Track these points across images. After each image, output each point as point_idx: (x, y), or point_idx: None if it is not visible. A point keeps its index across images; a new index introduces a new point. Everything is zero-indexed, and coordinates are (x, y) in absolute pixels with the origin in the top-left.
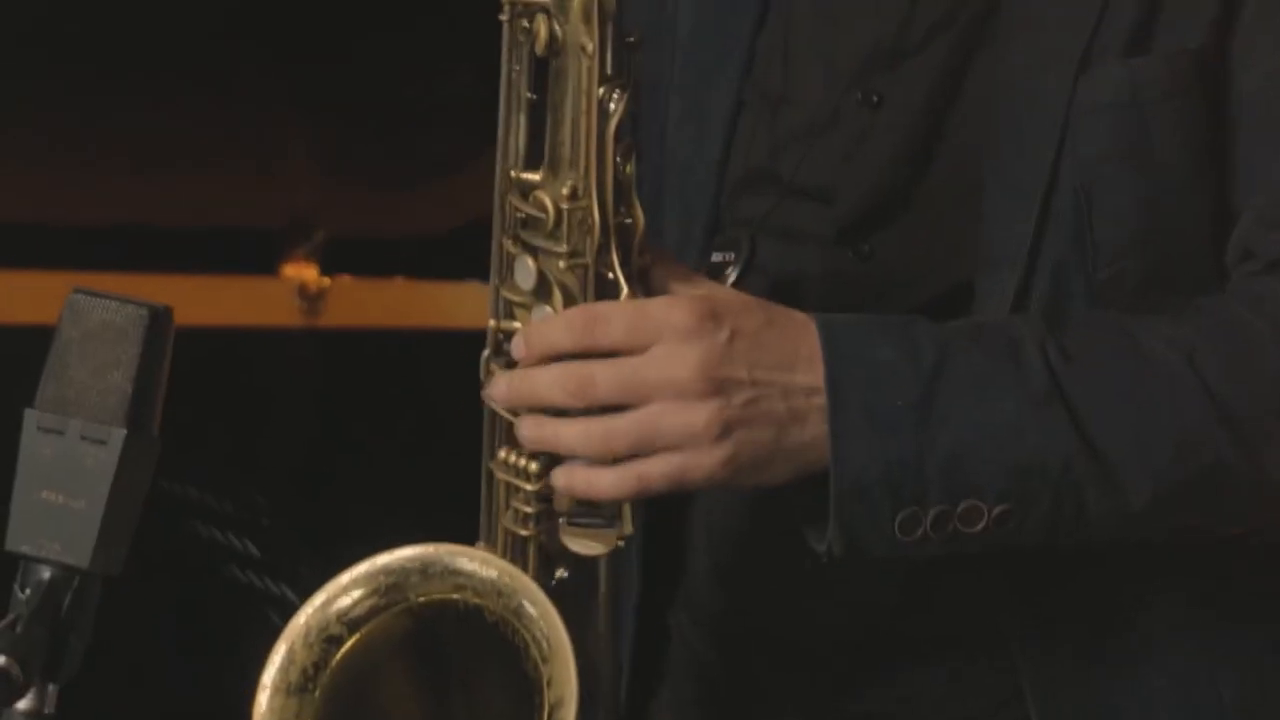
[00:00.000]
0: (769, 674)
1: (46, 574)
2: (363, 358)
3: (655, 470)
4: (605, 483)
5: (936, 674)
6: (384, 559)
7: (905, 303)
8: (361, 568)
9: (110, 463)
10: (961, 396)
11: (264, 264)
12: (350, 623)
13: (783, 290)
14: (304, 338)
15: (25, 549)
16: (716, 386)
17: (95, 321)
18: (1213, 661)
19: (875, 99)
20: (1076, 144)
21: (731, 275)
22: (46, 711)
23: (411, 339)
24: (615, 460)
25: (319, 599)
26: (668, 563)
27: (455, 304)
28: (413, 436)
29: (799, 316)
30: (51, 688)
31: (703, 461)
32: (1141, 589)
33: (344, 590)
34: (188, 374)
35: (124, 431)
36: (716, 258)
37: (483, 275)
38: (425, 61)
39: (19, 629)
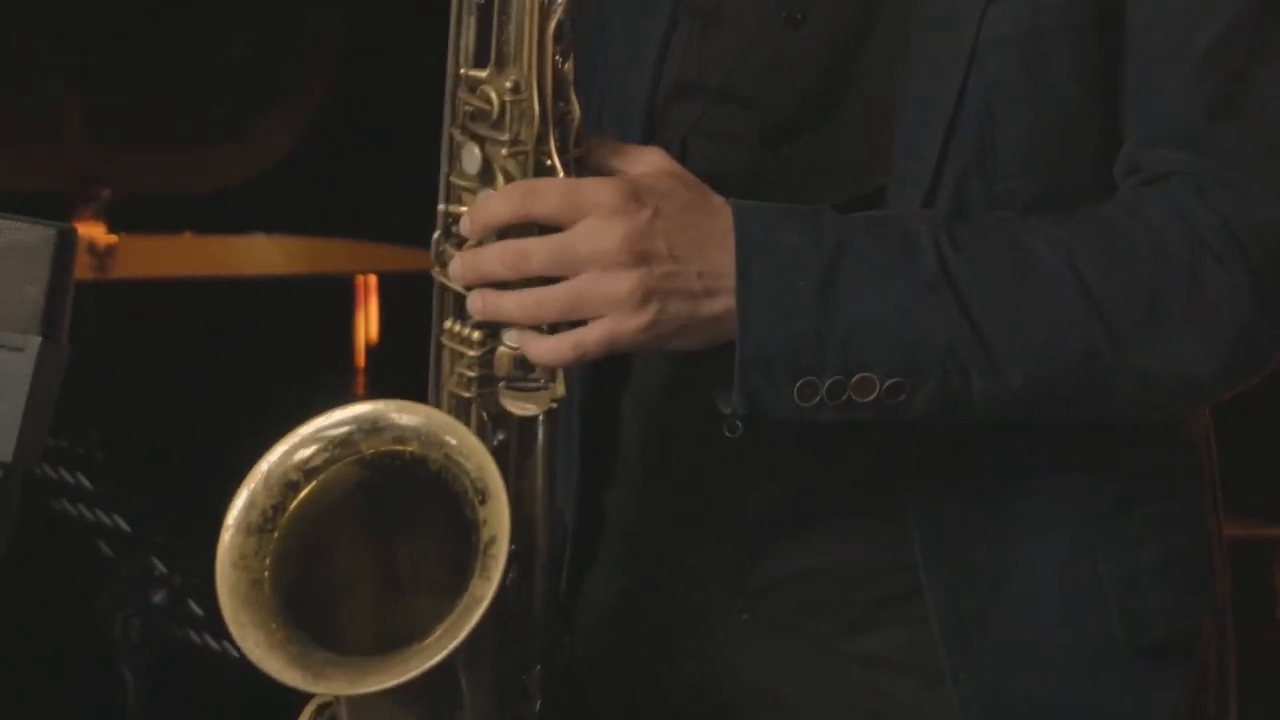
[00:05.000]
0: (689, 546)
1: None
2: (154, 308)
3: (590, 336)
4: (544, 348)
5: (837, 539)
6: (339, 414)
7: (820, 202)
8: (317, 422)
9: (27, 367)
10: (858, 280)
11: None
12: (308, 471)
13: (710, 187)
14: (95, 290)
15: None
16: (639, 258)
17: (6, 241)
18: (1093, 542)
19: (799, 16)
20: (982, 70)
21: None
22: None
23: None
24: (551, 328)
25: (279, 450)
26: (604, 443)
27: (241, 254)
28: (220, 376)
29: (716, 200)
30: None
31: (628, 325)
32: (1028, 475)
33: (302, 442)
34: None
35: (39, 339)
36: None
37: (265, 229)
38: (208, 24)
39: None
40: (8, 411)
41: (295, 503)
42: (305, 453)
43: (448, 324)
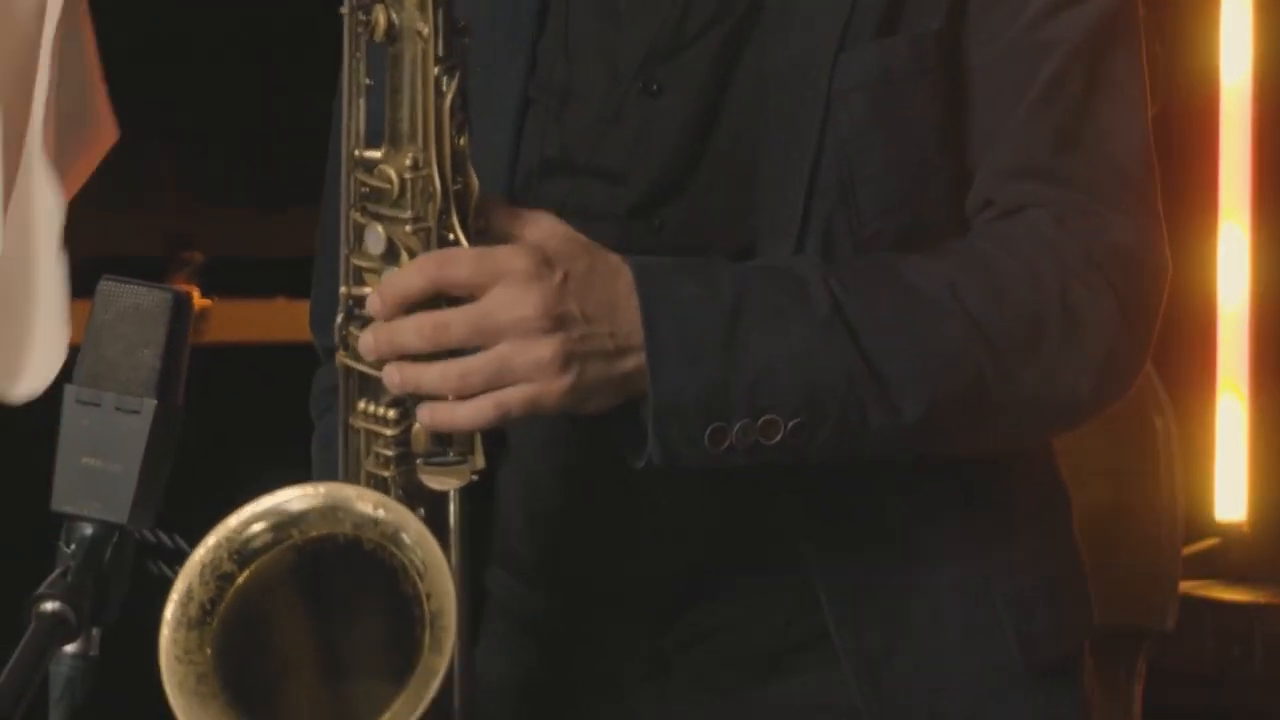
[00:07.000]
0: (591, 613)
1: (88, 530)
2: (246, 372)
3: (513, 397)
4: (464, 413)
5: (744, 593)
6: (268, 500)
7: None
8: (248, 510)
9: (143, 430)
10: (759, 326)
11: None
12: (241, 559)
13: None
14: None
15: (69, 509)
16: (556, 323)
17: (125, 305)
18: (985, 565)
19: (655, 88)
20: (838, 118)
21: None
22: (91, 653)
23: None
24: (471, 396)
25: (210, 540)
26: (479, 520)
27: None
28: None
29: (614, 259)
30: (95, 631)
31: (551, 389)
32: (919, 506)
33: (233, 531)
34: None
35: (155, 402)
36: None
37: None
38: (300, 86)
39: (69, 579)
40: (123, 473)
41: (231, 592)
42: (238, 540)
43: (360, 405)
